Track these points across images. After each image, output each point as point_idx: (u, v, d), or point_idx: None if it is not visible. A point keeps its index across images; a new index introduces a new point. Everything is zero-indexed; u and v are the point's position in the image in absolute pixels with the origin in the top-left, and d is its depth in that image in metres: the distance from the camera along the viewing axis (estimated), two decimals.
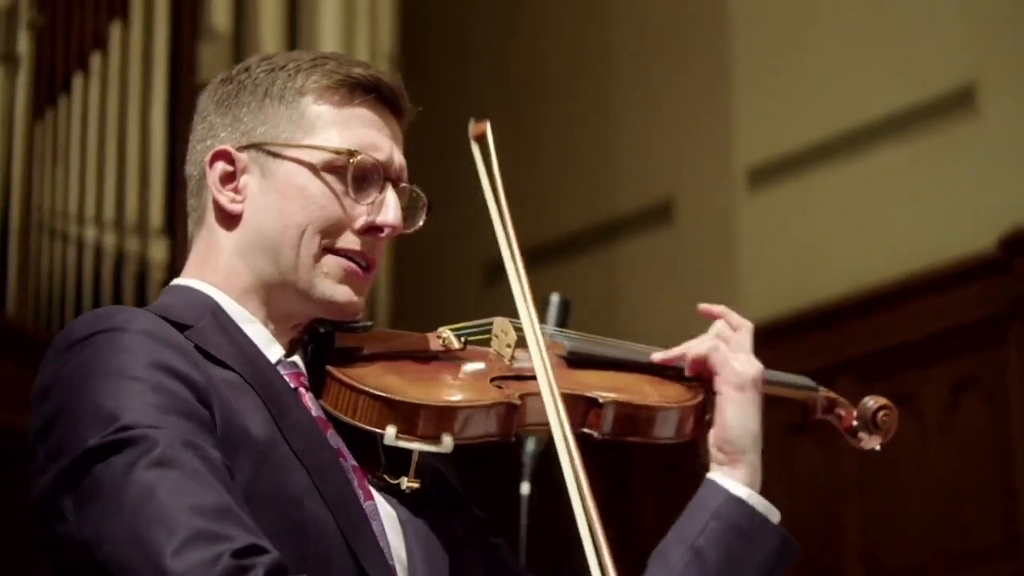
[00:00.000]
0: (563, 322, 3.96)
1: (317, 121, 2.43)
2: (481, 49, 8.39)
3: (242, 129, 2.44)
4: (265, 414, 2.28)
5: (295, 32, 7.04)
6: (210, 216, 2.45)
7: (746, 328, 2.75)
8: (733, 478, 2.57)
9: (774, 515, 2.61)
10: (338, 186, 2.41)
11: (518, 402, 2.42)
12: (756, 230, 7.50)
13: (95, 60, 6.57)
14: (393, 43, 7.19)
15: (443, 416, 2.36)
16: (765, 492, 2.57)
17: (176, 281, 2.48)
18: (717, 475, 2.57)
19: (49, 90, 6.46)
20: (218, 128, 2.46)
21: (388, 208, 2.44)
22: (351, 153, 2.41)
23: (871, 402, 2.91)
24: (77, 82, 6.52)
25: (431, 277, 7.77)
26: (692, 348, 2.65)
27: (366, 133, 2.45)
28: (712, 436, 2.60)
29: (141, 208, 6.55)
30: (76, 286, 6.34)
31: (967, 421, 6.68)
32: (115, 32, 6.64)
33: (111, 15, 6.65)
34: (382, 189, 2.45)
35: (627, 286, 7.86)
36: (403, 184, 2.49)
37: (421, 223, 2.54)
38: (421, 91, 2.56)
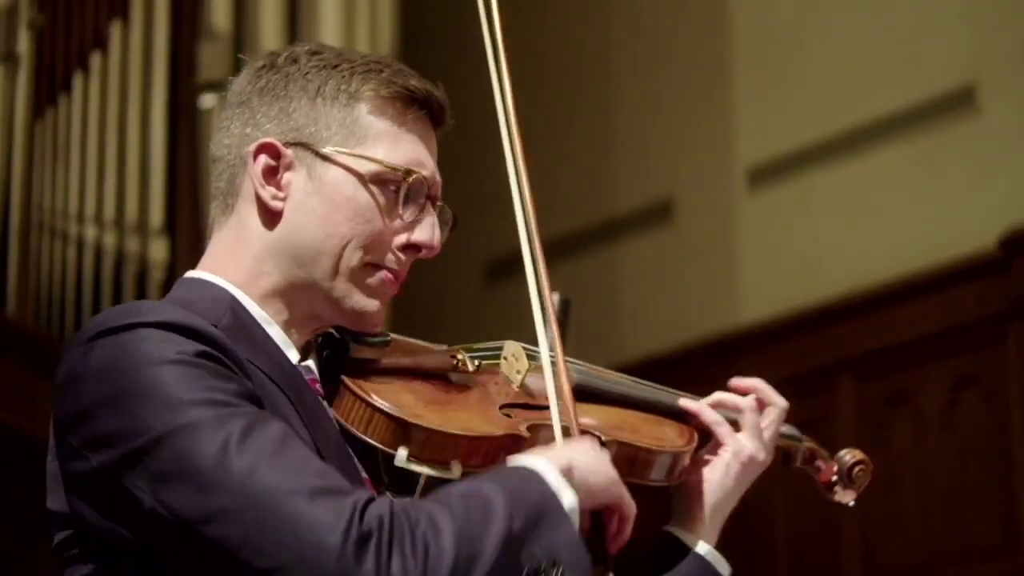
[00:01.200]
0: (563, 322, 3.95)
1: (371, 131, 2.39)
2: (481, 49, 8.38)
3: (291, 124, 2.38)
4: (298, 420, 2.26)
5: (295, 32, 7.04)
6: (245, 207, 2.39)
7: (776, 409, 2.76)
8: (704, 539, 2.61)
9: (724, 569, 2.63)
10: (385, 201, 2.38)
11: (526, 435, 2.41)
12: (756, 230, 7.50)
13: (95, 60, 6.57)
14: (393, 43, 7.20)
15: (456, 444, 2.36)
16: (766, 491, 2.59)
17: (192, 273, 2.41)
18: (689, 537, 2.62)
19: (49, 90, 6.46)
20: (262, 118, 2.39)
21: (428, 228, 2.42)
22: (407, 172, 2.38)
23: (848, 456, 2.89)
24: (77, 82, 6.52)
25: (431, 277, 7.77)
26: (713, 412, 2.68)
27: (415, 150, 2.42)
28: (688, 488, 2.64)
29: (141, 208, 6.55)
30: (76, 286, 6.34)
31: (967, 420, 6.68)
32: (115, 32, 6.64)
33: (111, 15, 6.65)
34: (423, 208, 2.42)
35: (627, 286, 7.86)
36: (440, 204, 2.48)
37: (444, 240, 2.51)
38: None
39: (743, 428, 2.69)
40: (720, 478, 2.64)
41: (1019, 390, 6.50)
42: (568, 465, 2.21)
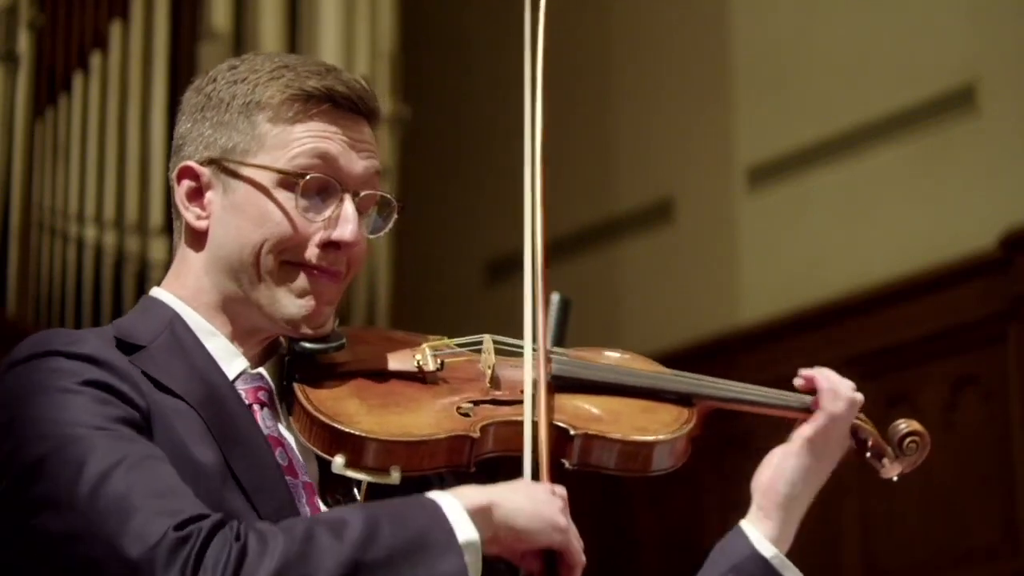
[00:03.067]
0: (563, 322, 3.95)
1: (268, 138, 2.43)
2: (481, 49, 8.39)
3: (205, 143, 2.46)
4: (209, 438, 2.31)
5: (295, 32, 7.03)
6: (184, 229, 2.52)
7: (853, 402, 2.71)
8: (763, 532, 2.58)
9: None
10: (292, 204, 2.41)
11: (476, 435, 2.40)
12: (756, 230, 7.50)
13: (95, 60, 6.57)
14: (393, 43, 7.19)
15: (392, 450, 2.36)
16: None
17: (153, 292, 2.53)
18: (749, 525, 2.57)
19: (49, 89, 6.45)
20: (186, 141, 2.49)
21: (342, 223, 2.43)
22: (298, 174, 2.41)
23: (903, 425, 2.72)
24: (77, 81, 6.51)
25: (431, 277, 7.77)
26: (829, 383, 2.68)
27: (319, 147, 2.43)
28: (763, 477, 2.61)
29: (141, 208, 6.55)
30: (76, 286, 6.34)
31: (967, 420, 6.68)
32: (115, 31, 6.63)
33: (111, 14, 6.65)
34: (340, 202, 2.44)
35: (627, 286, 7.86)
36: (366, 192, 2.47)
37: (389, 227, 2.51)
38: (421, 91, 2.55)
39: (840, 416, 2.64)
40: (793, 466, 2.62)
41: (1019, 390, 6.50)
42: (484, 504, 2.21)
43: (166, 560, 2.09)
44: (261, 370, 2.45)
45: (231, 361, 2.42)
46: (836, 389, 2.66)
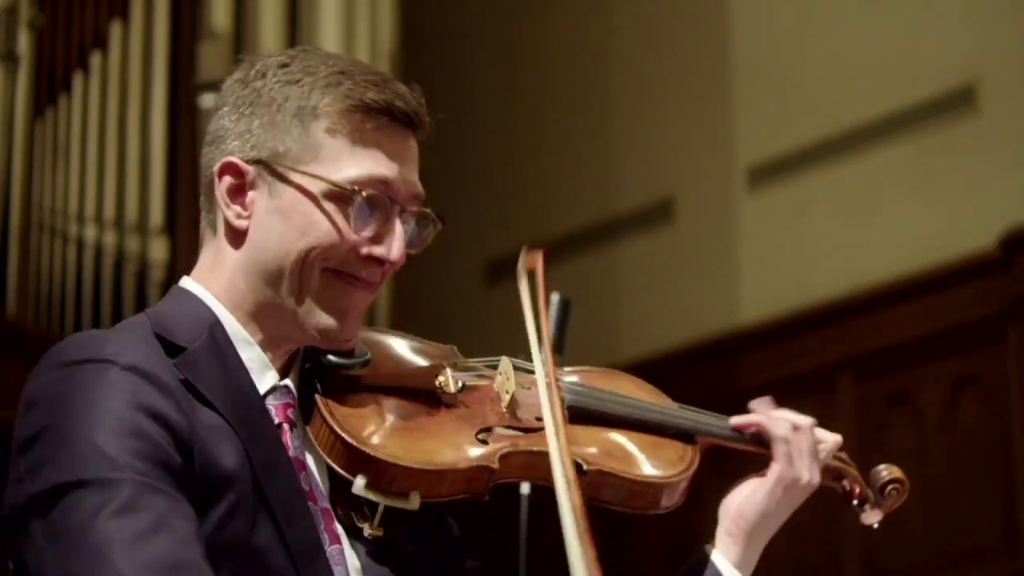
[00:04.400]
0: (563, 322, 3.95)
1: (324, 148, 2.39)
2: (481, 49, 8.39)
3: (253, 142, 2.40)
4: (244, 459, 2.28)
5: (295, 32, 7.03)
6: (220, 225, 2.43)
7: (807, 427, 2.67)
8: (730, 558, 2.56)
9: None
10: (342, 217, 2.38)
11: (495, 466, 2.40)
12: (756, 230, 7.50)
13: (95, 59, 6.57)
14: (393, 43, 7.19)
15: (414, 477, 2.36)
16: None
17: (184, 282, 2.46)
18: (717, 554, 2.56)
19: (49, 89, 6.46)
20: (230, 135, 2.42)
21: (391, 241, 2.41)
22: (355, 190, 2.37)
23: (884, 472, 2.77)
24: (77, 81, 6.51)
25: (432, 277, 7.77)
26: (767, 424, 2.63)
27: (375, 162, 2.40)
28: (733, 503, 2.60)
29: (141, 208, 6.55)
30: (76, 286, 6.34)
31: (966, 420, 6.68)
32: (115, 31, 6.63)
33: (111, 14, 6.65)
34: (388, 218, 2.41)
35: (627, 286, 7.86)
36: (414, 208, 2.44)
37: (430, 241, 2.49)
38: (421, 91, 2.53)
39: (792, 448, 2.63)
40: (764, 500, 2.61)
41: (1019, 390, 6.50)
42: None
43: None
44: (289, 383, 2.42)
45: (263, 374, 2.39)
46: (777, 420, 2.64)
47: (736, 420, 2.66)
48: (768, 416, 2.64)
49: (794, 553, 6.80)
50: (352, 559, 2.35)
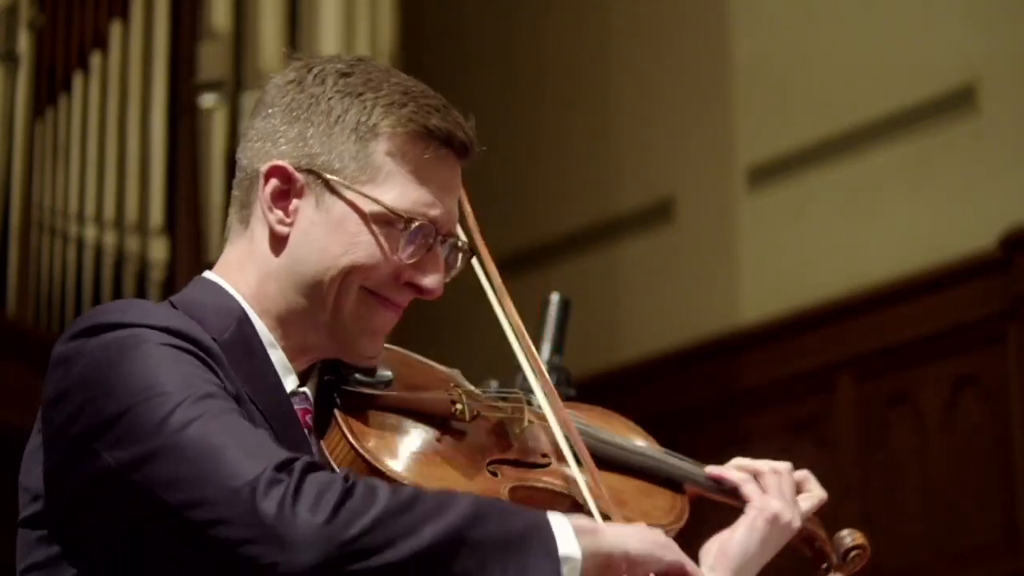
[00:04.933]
0: (563, 322, 3.95)
1: (383, 170, 2.36)
2: (481, 49, 8.39)
3: (306, 150, 2.36)
4: None
5: (295, 32, 7.03)
6: (257, 225, 2.40)
7: (784, 470, 2.70)
8: None
9: None
10: (388, 242, 2.36)
11: (505, 499, 2.38)
12: (756, 230, 7.50)
13: (95, 59, 6.57)
14: (393, 43, 7.19)
15: None
16: None
17: (209, 275, 2.43)
18: None
19: (49, 89, 6.46)
20: (280, 137, 2.38)
21: (433, 271, 2.40)
22: (408, 219, 2.35)
23: (848, 538, 2.76)
24: (77, 81, 6.52)
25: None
26: (746, 465, 2.65)
27: (429, 192, 2.38)
28: (714, 543, 2.59)
29: (141, 208, 6.55)
30: (76, 285, 6.34)
31: (966, 420, 6.68)
32: (115, 31, 6.64)
33: (111, 14, 6.65)
34: (431, 247, 2.39)
35: (627, 286, 7.86)
36: (454, 239, 2.44)
37: (461, 269, 2.48)
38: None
39: (767, 488, 2.63)
40: (743, 537, 2.60)
41: (1019, 390, 6.50)
42: (591, 527, 2.19)
43: (266, 488, 2.06)
44: (307, 390, 2.40)
45: (286, 377, 2.37)
46: (748, 481, 2.65)
47: (712, 470, 2.67)
48: (737, 479, 2.65)
49: (795, 553, 6.80)
50: None
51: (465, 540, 2.09)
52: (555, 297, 3.98)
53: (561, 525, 2.15)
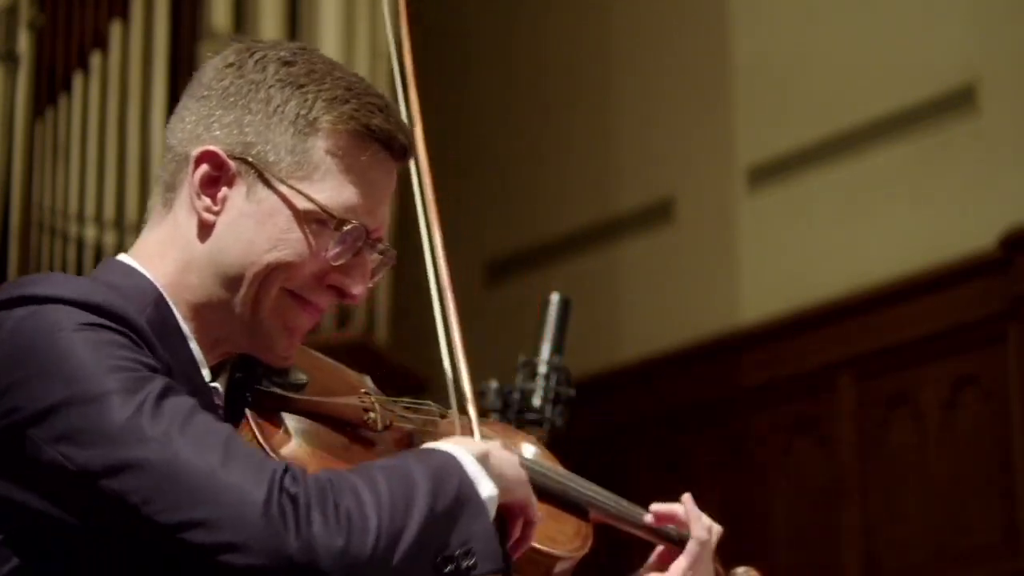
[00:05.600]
0: (563, 322, 3.95)
1: (319, 167, 2.28)
2: (481, 49, 8.39)
3: (241, 138, 2.29)
4: None
5: (295, 32, 7.04)
6: (182, 209, 2.31)
7: (717, 533, 2.68)
8: None
9: None
10: (317, 241, 2.28)
11: None
12: (756, 230, 7.50)
13: (95, 59, 6.58)
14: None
15: None
16: (765, 491, 2.57)
17: (122, 257, 2.34)
18: None
19: (49, 89, 6.46)
20: (215, 122, 2.31)
21: (360, 277, 2.33)
22: (341, 220, 2.28)
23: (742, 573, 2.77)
24: (77, 81, 6.52)
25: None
26: (691, 523, 2.63)
27: (362, 194, 2.30)
28: None
29: (141, 207, 6.55)
30: None
31: (967, 420, 6.68)
32: (115, 31, 6.64)
33: (111, 14, 6.66)
34: (359, 251, 2.32)
35: (627, 286, 7.86)
36: (383, 247, 2.37)
37: (380, 277, 2.41)
38: (421, 91, 2.52)
39: (704, 550, 2.63)
40: None
41: (1019, 390, 6.50)
42: (484, 453, 2.19)
43: (279, 512, 2.02)
44: (218, 385, 2.32)
45: (200, 368, 2.29)
46: (701, 517, 2.65)
47: (657, 508, 2.65)
48: (692, 514, 2.64)
49: (794, 553, 6.81)
50: None
51: (436, 516, 2.08)
52: (555, 297, 3.99)
53: (470, 463, 2.15)
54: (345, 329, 6.57)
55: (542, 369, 3.85)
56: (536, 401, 3.81)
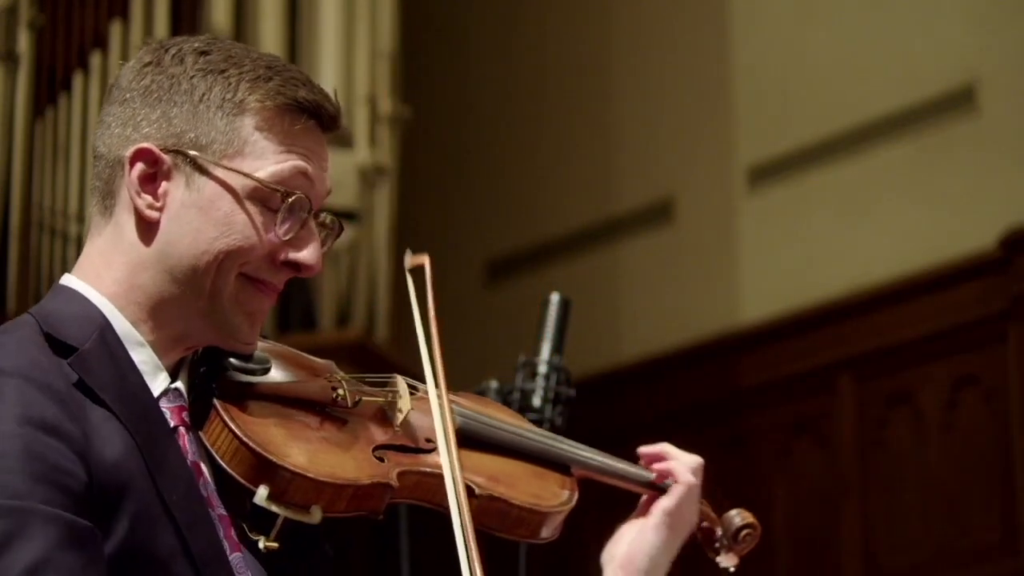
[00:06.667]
0: (563, 322, 3.95)
1: (253, 145, 2.29)
2: (481, 49, 8.39)
3: (171, 130, 2.29)
4: (140, 462, 2.19)
5: (295, 32, 7.04)
6: (122, 214, 2.32)
7: (701, 469, 2.67)
8: None
9: None
10: (263, 218, 2.29)
11: (395, 484, 2.36)
12: (756, 230, 7.51)
13: (95, 59, 6.57)
14: (393, 43, 7.19)
15: (319, 489, 2.30)
16: (766, 491, 2.57)
17: (68, 280, 2.38)
18: None
19: (49, 89, 6.45)
20: (143, 120, 2.31)
21: (310, 246, 2.33)
22: (285, 193, 2.29)
23: (737, 518, 2.76)
24: (77, 81, 6.51)
25: (431, 276, 7.76)
26: (675, 468, 2.62)
27: (300, 165, 2.31)
28: (619, 548, 2.58)
29: None
30: None
31: (967, 420, 6.68)
32: (115, 31, 6.63)
33: (111, 14, 6.65)
34: (305, 223, 2.32)
35: (627, 286, 7.86)
36: (326, 214, 2.38)
37: (329, 248, 2.42)
38: (421, 91, 2.52)
39: (691, 491, 2.62)
40: (651, 539, 2.59)
41: (1019, 390, 6.50)
42: None
43: None
44: (180, 385, 2.32)
45: (155, 376, 2.29)
46: (686, 461, 2.64)
47: (645, 450, 2.64)
48: (676, 458, 2.63)
49: (794, 553, 6.81)
50: (255, 565, 2.28)
51: None
52: (555, 297, 3.98)
53: None
54: (345, 329, 6.57)
55: (542, 369, 3.84)
56: (536, 401, 3.81)
